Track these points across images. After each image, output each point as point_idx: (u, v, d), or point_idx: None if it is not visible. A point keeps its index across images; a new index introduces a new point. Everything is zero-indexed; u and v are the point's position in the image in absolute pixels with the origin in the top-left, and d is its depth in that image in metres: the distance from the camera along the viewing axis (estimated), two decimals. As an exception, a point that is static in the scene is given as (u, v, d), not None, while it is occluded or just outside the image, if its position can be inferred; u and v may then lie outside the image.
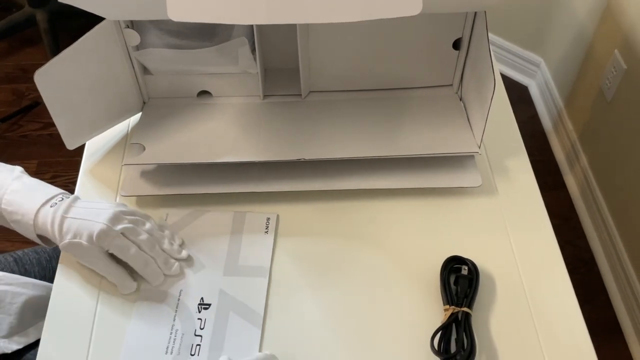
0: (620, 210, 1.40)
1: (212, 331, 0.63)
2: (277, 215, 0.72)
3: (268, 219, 0.72)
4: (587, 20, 1.50)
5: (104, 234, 0.62)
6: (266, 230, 0.71)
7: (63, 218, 0.64)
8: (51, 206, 0.65)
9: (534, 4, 1.67)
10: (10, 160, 1.72)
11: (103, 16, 0.68)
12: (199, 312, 0.64)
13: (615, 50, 1.37)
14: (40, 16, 1.93)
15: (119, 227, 0.63)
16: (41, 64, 0.66)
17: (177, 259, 0.68)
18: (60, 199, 0.66)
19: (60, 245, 0.64)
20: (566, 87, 1.66)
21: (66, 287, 0.67)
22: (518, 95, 1.86)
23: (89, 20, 0.69)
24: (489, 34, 1.86)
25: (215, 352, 0.61)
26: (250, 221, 0.72)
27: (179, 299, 0.65)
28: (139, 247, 0.65)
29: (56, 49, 1.91)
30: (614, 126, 1.41)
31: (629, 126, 1.34)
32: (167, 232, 0.70)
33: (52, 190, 0.68)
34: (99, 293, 0.67)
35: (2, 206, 0.66)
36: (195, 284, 0.66)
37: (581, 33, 1.54)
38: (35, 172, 1.69)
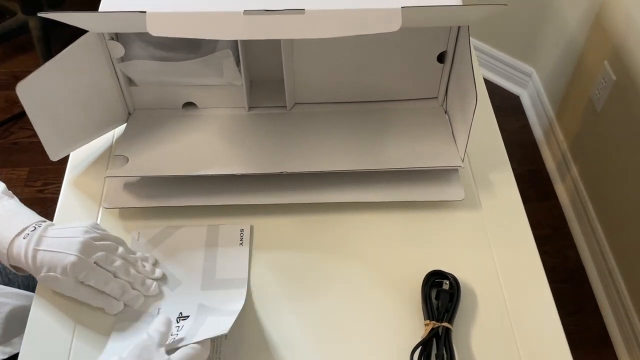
0: (610, 220, 1.40)
1: (187, 330, 0.61)
2: (251, 226, 0.72)
3: (242, 230, 0.71)
4: (578, 31, 1.51)
5: (77, 266, 0.61)
6: (241, 242, 0.70)
7: (35, 251, 0.62)
8: (24, 237, 0.63)
9: (526, 15, 1.68)
10: (0, 167, 1.72)
11: (86, 29, 0.68)
12: (177, 322, 0.63)
13: (605, 62, 1.37)
14: (33, 23, 1.93)
15: (92, 257, 0.62)
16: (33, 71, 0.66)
17: (152, 279, 0.68)
18: (33, 228, 0.64)
19: (37, 278, 0.64)
20: (557, 97, 1.66)
21: (42, 317, 0.66)
22: (510, 104, 1.87)
23: (81, 29, 0.69)
24: (482, 44, 1.86)
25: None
26: (224, 234, 0.71)
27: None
28: (114, 274, 0.64)
29: (49, 56, 1.90)
30: (603, 136, 1.41)
31: (618, 136, 1.34)
32: (138, 254, 0.69)
33: (27, 218, 0.66)
34: (75, 325, 0.66)
35: None
36: (174, 301, 0.66)
37: (572, 44, 1.55)
38: (26, 180, 1.68)
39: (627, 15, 1.28)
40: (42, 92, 0.69)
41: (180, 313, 0.64)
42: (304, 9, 0.56)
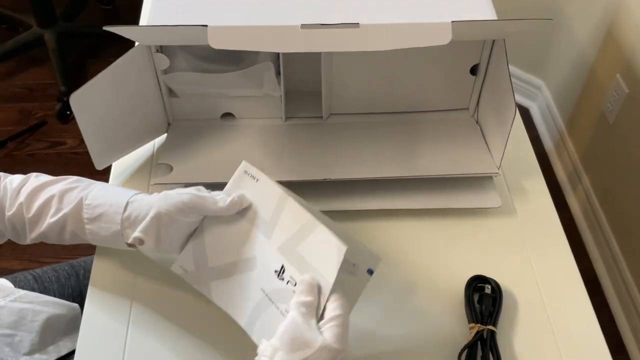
0: (623, 230, 1.43)
1: (299, 274, 0.57)
2: (243, 162, 0.66)
3: (245, 171, 0.65)
4: (588, 45, 1.55)
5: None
6: (256, 179, 0.64)
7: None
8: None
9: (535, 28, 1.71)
10: (18, 178, 1.74)
11: (137, 41, 0.70)
12: (282, 279, 0.58)
13: (617, 75, 1.40)
14: (48, 36, 1.95)
15: None
16: (48, 83, 0.68)
17: None
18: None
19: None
20: (567, 109, 1.70)
21: (97, 307, 0.69)
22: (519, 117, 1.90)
23: (94, 41, 0.71)
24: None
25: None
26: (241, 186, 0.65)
27: (267, 296, 0.59)
28: None
29: (63, 69, 1.93)
30: (616, 148, 1.44)
31: (631, 148, 1.37)
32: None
33: None
34: (130, 308, 0.68)
35: (87, 202, 0.65)
36: (261, 273, 0.61)
37: (582, 57, 1.58)
38: (43, 191, 1.69)
39: (639, 30, 1.31)
40: (92, 102, 0.71)
41: (275, 271, 0.59)
42: (358, 23, 0.58)
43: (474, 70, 0.81)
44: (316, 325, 0.52)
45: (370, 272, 0.61)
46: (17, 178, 0.70)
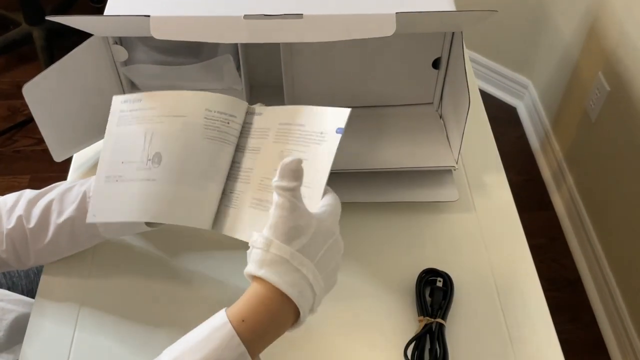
0: (606, 229, 1.42)
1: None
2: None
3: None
4: (573, 44, 1.54)
5: None
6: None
7: None
8: None
9: (522, 28, 1.71)
10: (2, 174, 1.74)
11: (91, 32, 0.70)
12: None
13: (599, 73, 1.39)
14: (37, 34, 1.96)
15: None
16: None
17: None
18: None
19: None
20: (553, 108, 1.69)
21: (45, 308, 0.69)
22: (507, 115, 1.89)
23: (84, 38, 0.71)
24: (480, 56, 1.87)
25: None
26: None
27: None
28: None
29: (52, 66, 1.94)
30: (598, 146, 1.43)
31: (612, 146, 1.36)
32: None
33: None
34: (78, 312, 0.68)
35: (91, 194, 0.64)
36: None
37: (567, 56, 1.58)
38: (28, 187, 1.69)
39: (620, 27, 1.30)
40: (47, 93, 0.71)
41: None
42: (302, 14, 0.58)
43: (436, 64, 0.81)
44: (305, 210, 0.50)
45: (340, 130, 0.58)
46: (11, 196, 0.68)
